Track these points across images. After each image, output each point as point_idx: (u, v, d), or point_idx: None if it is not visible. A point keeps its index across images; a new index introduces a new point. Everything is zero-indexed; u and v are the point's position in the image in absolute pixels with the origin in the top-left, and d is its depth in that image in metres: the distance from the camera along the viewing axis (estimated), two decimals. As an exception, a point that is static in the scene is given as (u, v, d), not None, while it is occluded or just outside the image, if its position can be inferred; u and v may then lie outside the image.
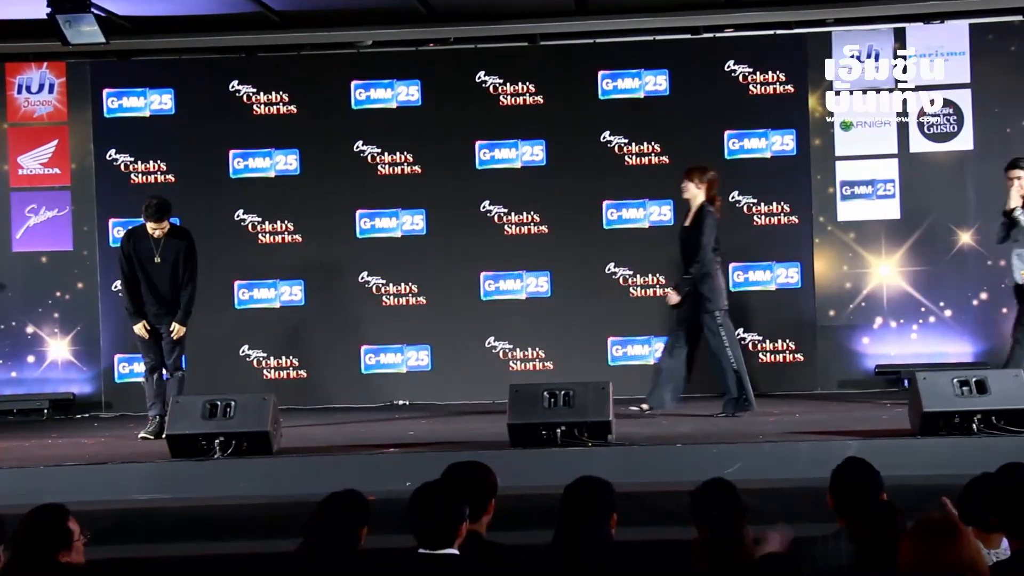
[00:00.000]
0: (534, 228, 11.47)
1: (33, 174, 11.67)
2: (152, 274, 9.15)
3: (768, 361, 11.33)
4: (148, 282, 9.17)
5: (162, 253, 9.14)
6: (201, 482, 7.51)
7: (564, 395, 7.81)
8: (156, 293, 9.15)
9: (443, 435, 8.77)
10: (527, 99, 11.53)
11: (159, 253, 9.14)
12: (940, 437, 7.52)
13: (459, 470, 4.67)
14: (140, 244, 9.18)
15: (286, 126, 11.57)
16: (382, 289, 11.53)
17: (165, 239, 9.16)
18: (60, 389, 11.54)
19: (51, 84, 11.66)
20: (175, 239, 9.21)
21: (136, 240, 9.21)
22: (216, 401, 7.92)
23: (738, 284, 11.31)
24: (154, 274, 9.15)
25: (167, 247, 9.16)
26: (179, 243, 9.21)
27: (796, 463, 7.27)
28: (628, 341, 11.42)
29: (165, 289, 9.16)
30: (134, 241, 9.21)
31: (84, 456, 8.22)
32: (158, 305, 9.17)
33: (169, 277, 9.16)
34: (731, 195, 11.25)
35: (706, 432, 8.44)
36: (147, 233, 9.16)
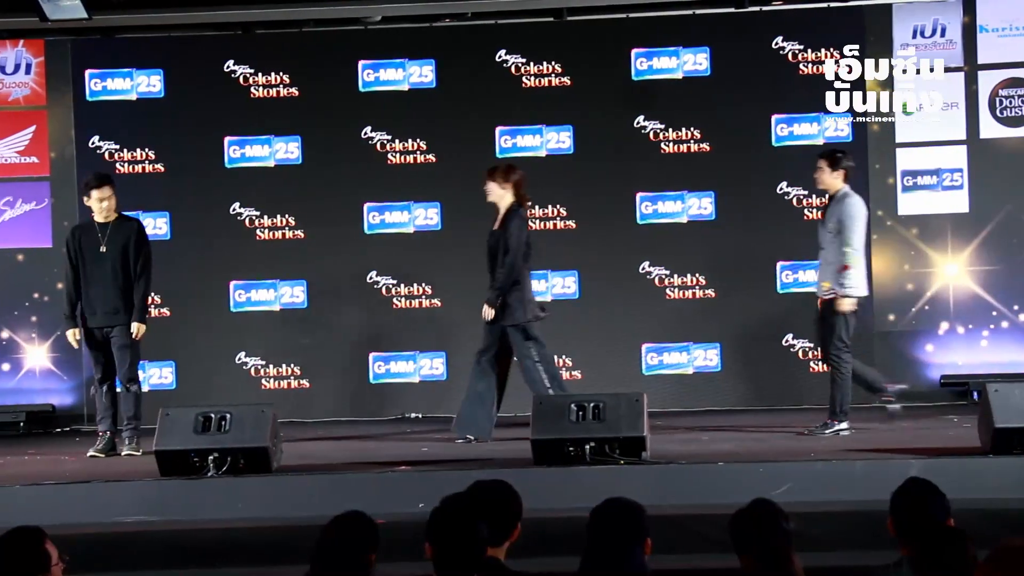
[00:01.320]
0: (560, 223, 11.47)
1: (8, 163, 11.73)
2: (98, 268, 9.00)
3: (820, 371, 11.28)
4: (94, 278, 9.02)
5: (108, 242, 9.04)
6: (193, 503, 7.53)
7: (593, 408, 7.80)
8: (103, 291, 9.00)
9: (459, 452, 8.77)
10: (553, 80, 11.53)
11: (105, 242, 9.04)
12: (1014, 456, 7.48)
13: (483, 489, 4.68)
14: (86, 236, 9.09)
15: (287, 110, 11.60)
16: (393, 291, 11.55)
17: (112, 226, 9.08)
18: (38, 400, 11.59)
19: (28, 64, 11.72)
20: (124, 225, 9.13)
21: (82, 233, 9.14)
22: (210, 413, 7.93)
23: (787, 285, 11.29)
24: (100, 268, 9.00)
25: (115, 234, 9.06)
26: (128, 229, 9.10)
27: (851, 484, 7.25)
28: (664, 348, 11.41)
29: (114, 285, 8.98)
30: (79, 235, 9.13)
31: (64, 474, 8.24)
32: (106, 304, 9.02)
33: (120, 269, 9.01)
34: (779, 186, 11.24)
35: (751, 450, 8.43)
36: (93, 224, 9.12)
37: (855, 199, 9.05)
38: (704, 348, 11.39)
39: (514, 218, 9.17)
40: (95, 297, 9.04)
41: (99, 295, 9.03)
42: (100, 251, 9.05)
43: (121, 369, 9.08)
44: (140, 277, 9.06)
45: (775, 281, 11.27)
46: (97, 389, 9.21)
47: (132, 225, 9.18)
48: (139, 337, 9.05)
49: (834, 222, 8.99)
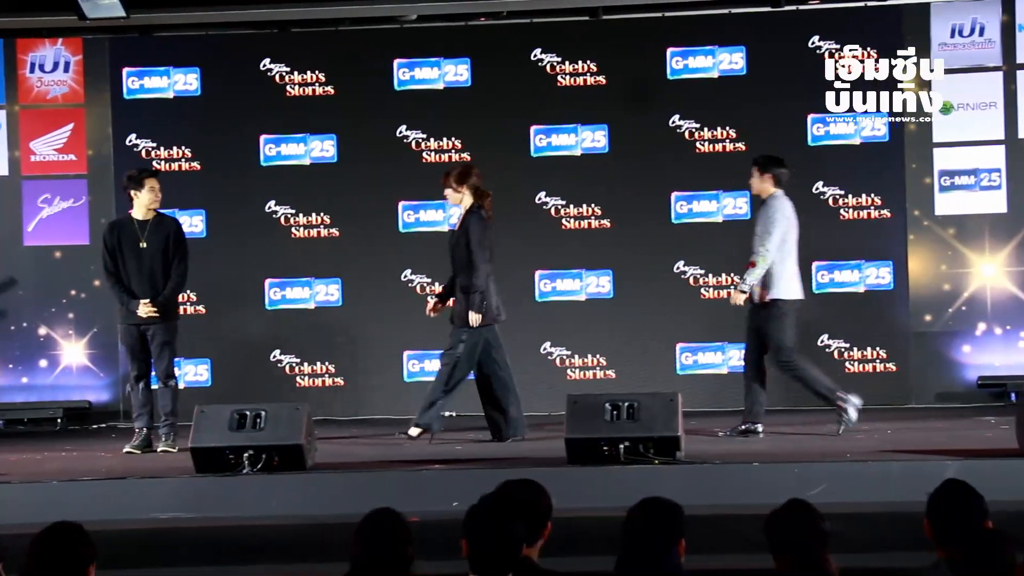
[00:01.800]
0: (595, 222, 11.45)
1: (47, 161, 11.80)
2: (138, 265, 9.02)
3: (856, 371, 11.24)
4: (132, 274, 9.04)
5: (148, 237, 9.06)
6: (228, 500, 7.55)
7: (628, 407, 7.80)
8: (141, 287, 9.02)
9: (493, 451, 8.77)
10: (588, 79, 11.51)
11: (145, 238, 9.06)
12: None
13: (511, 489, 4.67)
14: (124, 232, 9.10)
15: (322, 109, 11.62)
16: (427, 288, 11.55)
17: (152, 223, 9.10)
18: (75, 397, 11.66)
19: (67, 62, 11.78)
20: (163, 223, 9.16)
21: (120, 229, 9.14)
22: (245, 411, 7.95)
23: (822, 285, 11.24)
24: (140, 265, 9.02)
25: (154, 232, 9.08)
26: (167, 227, 9.13)
27: (888, 485, 7.22)
28: (699, 348, 11.38)
29: (153, 281, 9.02)
30: (118, 231, 9.13)
31: (101, 470, 8.29)
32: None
33: (160, 267, 9.04)
34: (815, 186, 11.20)
35: (786, 450, 8.40)
36: (131, 221, 9.13)
37: (778, 203, 9.10)
38: (739, 348, 11.26)
39: (472, 219, 9.17)
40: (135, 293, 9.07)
41: (138, 291, 9.05)
42: (140, 247, 9.08)
43: (159, 365, 9.10)
44: (177, 273, 9.08)
45: (811, 282, 11.21)
46: (133, 386, 9.23)
47: (171, 223, 9.23)
48: (145, 315, 8.99)
49: (759, 226, 9.04)
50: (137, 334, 9.09)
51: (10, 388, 11.75)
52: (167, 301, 9.07)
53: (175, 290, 9.15)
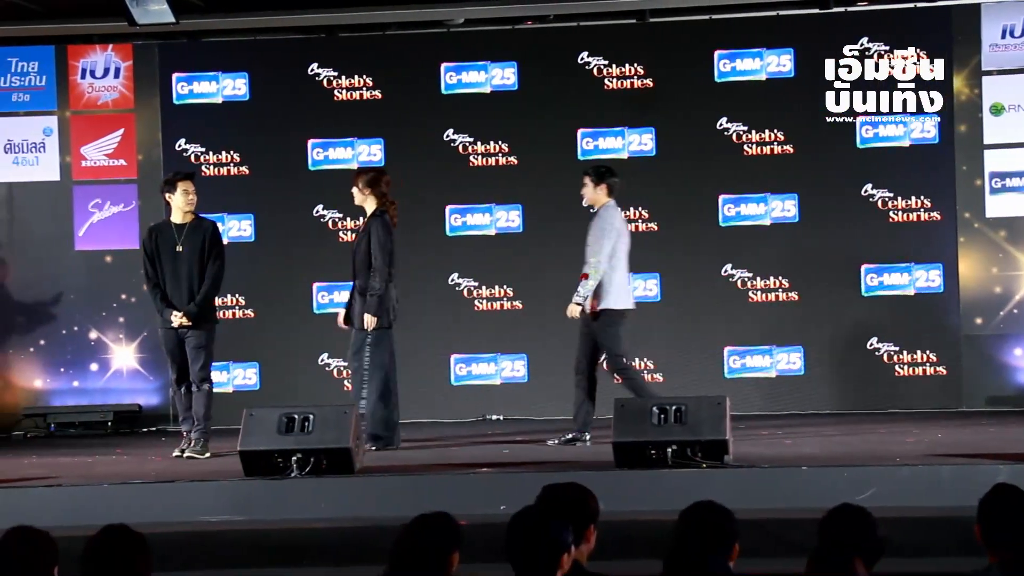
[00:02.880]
0: (642, 225, 11.43)
1: (97, 166, 11.90)
2: (174, 268, 9.05)
3: (905, 374, 11.17)
4: (170, 278, 9.06)
5: (184, 242, 9.08)
6: (277, 503, 7.58)
7: (675, 411, 7.77)
8: (179, 291, 9.04)
9: (541, 454, 8.77)
10: (635, 82, 11.50)
11: (182, 241, 9.09)
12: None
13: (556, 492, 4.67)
14: (162, 236, 9.13)
15: (370, 113, 11.67)
16: (474, 292, 11.57)
17: (190, 227, 9.13)
18: (125, 400, 11.75)
19: (117, 68, 11.88)
20: (200, 226, 9.18)
21: (158, 234, 9.16)
22: (293, 414, 7.98)
23: (871, 288, 11.18)
24: (176, 268, 9.05)
25: (191, 235, 9.10)
26: (203, 230, 9.14)
27: (938, 489, 7.16)
28: (747, 351, 11.34)
29: (189, 285, 9.03)
30: (156, 236, 9.16)
31: (151, 474, 8.34)
32: (181, 305, 9.02)
33: (195, 270, 9.05)
34: (864, 188, 11.14)
35: (835, 454, 8.36)
36: (169, 225, 9.16)
37: (609, 213, 9.14)
38: (787, 351, 11.31)
39: (375, 223, 9.20)
40: (171, 297, 9.08)
41: (175, 295, 9.08)
42: (177, 251, 9.10)
43: (194, 368, 9.12)
44: (209, 275, 9.09)
45: (859, 284, 11.17)
46: (175, 390, 9.28)
47: (207, 226, 9.23)
48: (177, 325, 9.03)
49: (591, 236, 9.12)
50: (175, 338, 9.11)
51: (61, 392, 11.86)
52: (200, 306, 9.07)
53: (209, 293, 9.13)
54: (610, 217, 9.12)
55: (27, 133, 11.89)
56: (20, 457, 9.80)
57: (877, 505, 5.55)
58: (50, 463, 9.19)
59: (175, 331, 9.08)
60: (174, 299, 9.06)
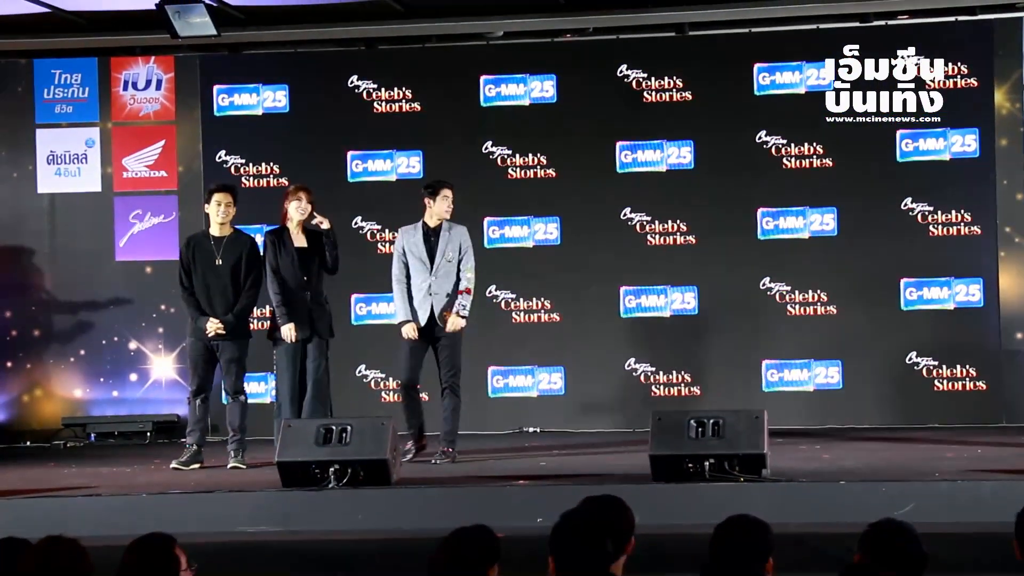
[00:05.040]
0: (680, 238, 11.41)
1: (138, 177, 11.98)
2: (212, 281, 9.08)
3: (945, 389, 11.10)
4: (206, 290, 9.09)
5: (224, 255, 9.12)
6: (314, 514, 7.60)
7: (713, 424, 7.75)
8: (214, 304, 9.07)
9: (578, 467, 8.76)
10: (674, 95, 11.49)
11: (220, 255, 9.13)
12: None
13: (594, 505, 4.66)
14: (200, 248, 9.16)
15: (409, 125, 11.70)
16: (512, 304, 11.57)
17: (228, 240, 9.18)
18: (164, 411, 11.80)
19: (159, 80, 11.96)
20: (238, 240, 9.22)
21: (196, 245, 9.20)
22: (331, 426, 8.00)
23: (911, 302, 11.12)
24: (214, 281, 9.08)
25: (229, 249, 9.13)
26: (241, 245, 9.18)
27: (978, 505, 7.12)
28: (785, 365, 11.29)
29: (224, 298, 9.06)
30: (194, 247, 9.20)
31: (189, 484, 8.38)
32: (216, 317, 9.06)
33: (231, 284, 9.08)
34: (904, 202, 11.08)
35: (874, 468, 8.31)
36: (207, 237, 9.20)
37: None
38: (825, 365, 11.25)
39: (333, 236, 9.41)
40: (207, 309, 9.11)
41: (211, 307, 9.11)
42: (215, 264, 9.13)
43: (228, 380, 9.17)
44: (247, 291, 9.13)
45: (898, 298, 11.11)
46: (191, 401, 9.33)
47: (246, 241, 9.27)
48: (212, 333, 9.03)
49: (463, 253, 9.30)
50: (203, 349, 9.13)
51: (101, 402, 11.93)
52: (237, 319, 9.11)
53: (246, 309, 9.18)
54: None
55: (69, 144, 11.99)
56: (60, 467, 9.87)
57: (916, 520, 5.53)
58: (89, 473, 9.25)
59: (204, 343, 9.11)
60: (209, 311, 9.09)
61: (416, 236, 9.32)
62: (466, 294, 9.26)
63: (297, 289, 9.20)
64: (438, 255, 9.25)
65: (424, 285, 9.24)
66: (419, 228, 9.34)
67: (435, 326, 9.22)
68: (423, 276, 9.26)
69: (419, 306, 9.25)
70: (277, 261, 9.21)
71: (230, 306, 9.09)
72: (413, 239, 9.32)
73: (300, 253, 9.23)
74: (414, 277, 9.30)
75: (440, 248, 9.24)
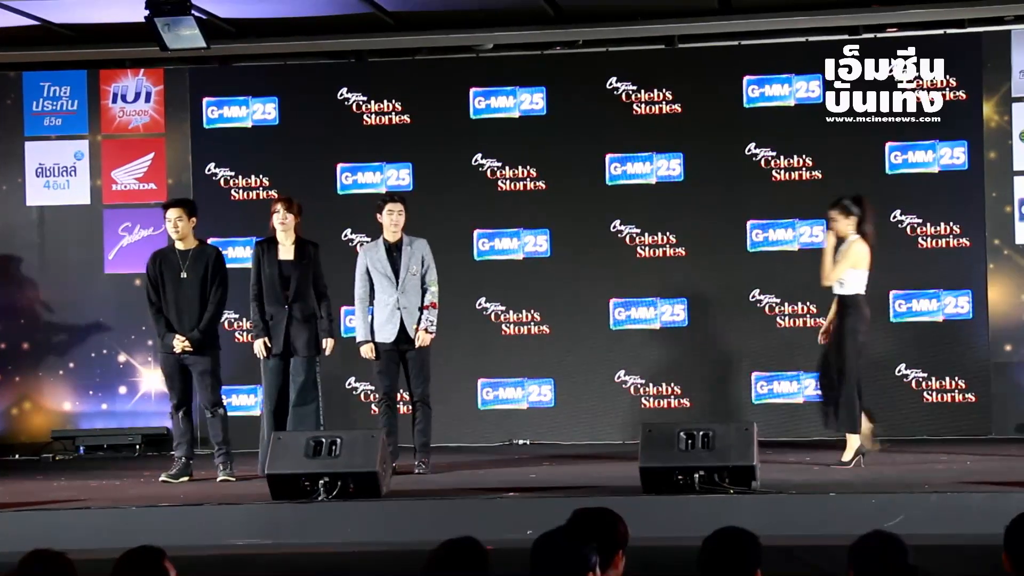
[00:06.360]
0: (670, 250, 11.43)
1: (127, 190, 11.98)
2: (178, 294, 9.10)
3: (934, 401, 11.13)
4: (176, 305, 9.10)
5: (189, 269, 9.13)
6: (304, 526, 7.60)
7: (703, 436, 7.76)
8: (182, 317, 9.08)
9: (568, 479, 8.77)
10: (663, 107, 11.52)
11: (186, 268, 9.13)
12: None
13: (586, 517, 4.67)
14: (166, 262, 9.18)
15: (399, 137, 11.71)
16: (502, 316, 11.58)
17: (194, 253, 9.18)
18: (153, 423, 11.79)
19: (148, 92, 11.97)
20: (203, 252, 9.23)
21: (162, 260, 9.22)
22: (320, 438, 8.01)
23: (900, 314, 11.15)
24: (180, 294, 9.09)
25: (195, 261, 9.15)
26: (207, 255, 9.19)
27: (967, 517, 7.13)
28: (774, 377, 11.31)
29: (191, 311, 9.07)
30: (160, 261, 9.21)
31: (178, 497, 8.37)
32: (184, 331, 9.06)
33: (198, 296, 9.10)
34: (893, 214, 11.11)
35: (864, 480, 8.32)
36: (173, 251, 9.21)
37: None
38: (814, 377, 11.23)
39: (315, 250, 9.51)
40: (175, 323, 9.12)
41: (179, 321, 9.12)
42: (181, 277, 9.15)
43: (204, 395, 9.19)
44: (213, 301, 9.14)
45: (888, 311, 11.13)
46: (173, 415, 9.33)
47: (211, 252, 9.27)
48: (179, 351, 9.04)
49: (428, 267, 9.45)
50: (175, 362, 9.14)
51: (90, 414, 11.91)
52: (204, 332, 9.11)
53: (212, 320, 9.17)
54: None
55: (59, 157, 11.99)
56: (49, 480, 9.86)
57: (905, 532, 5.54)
58: (79, 486, 9.25)
59: (175, 356, 9.11)
60: (178, 324, 9.11)
61: (379, 252, 9.35)
62: (432, 308, 9.33)
63: (276, 302, 9.20)
64: (402, 270, 9.30)
65: (391, 300, 9.27)
66: (380, 245, 9.38)
67: (403, 340, 9.24)
68: (390, 292, 9.29)
69: (387, 321, 9.29)
70: (260, 272, 9.23)
71: (197, 320, 9.09)
72: (376, 256, 9.35)
73: (283, 266, 9.23)
74: (380, 294, 9.33)
75: (403, 263, 9.30)
